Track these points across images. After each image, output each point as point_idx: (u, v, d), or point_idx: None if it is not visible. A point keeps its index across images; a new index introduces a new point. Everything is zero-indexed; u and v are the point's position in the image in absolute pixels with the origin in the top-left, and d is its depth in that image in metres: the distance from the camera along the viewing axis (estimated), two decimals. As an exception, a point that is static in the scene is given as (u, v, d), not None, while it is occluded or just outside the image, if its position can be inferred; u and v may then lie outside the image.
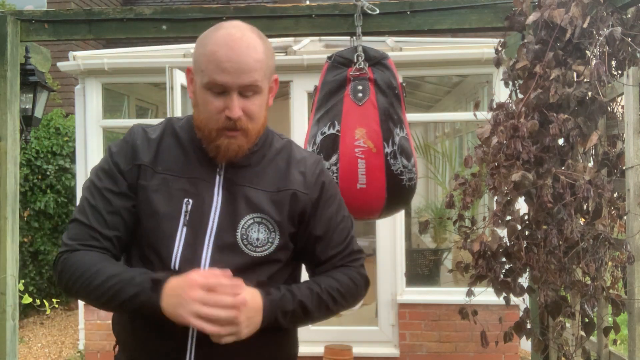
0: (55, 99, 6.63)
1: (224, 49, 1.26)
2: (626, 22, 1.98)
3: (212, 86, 1.28)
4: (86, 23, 2.38)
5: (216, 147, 1.32)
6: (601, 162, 1.95)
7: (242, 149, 1.33)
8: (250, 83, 1.27)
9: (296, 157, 1.42)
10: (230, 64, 1.25)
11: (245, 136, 1.32)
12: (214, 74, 1.26)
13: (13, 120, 2.39)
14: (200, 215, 1.32)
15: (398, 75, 1.98)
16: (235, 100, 1.28)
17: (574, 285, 1.88)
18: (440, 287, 5.20)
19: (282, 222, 1.36)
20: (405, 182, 1.89)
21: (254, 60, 1.28)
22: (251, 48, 1.28)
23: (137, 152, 1.36)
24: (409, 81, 5.24)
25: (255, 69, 1.27)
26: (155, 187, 1.33)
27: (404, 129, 1.93)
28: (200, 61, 1.30)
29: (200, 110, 1.33)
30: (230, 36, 1.28)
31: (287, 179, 1.38)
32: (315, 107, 1.98)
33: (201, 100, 1.31)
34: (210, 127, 1.31)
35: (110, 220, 1.33)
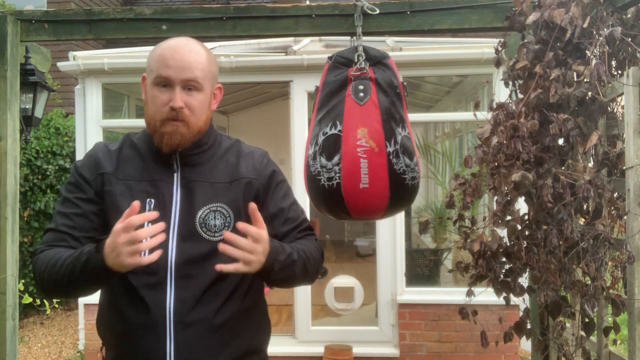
0: (55, 99, 6.63)
1: (169, 51, 1.48)
2: (626, 22, 1.98)
3: (159, 81, 1.47)
4: (86, 23, 2.38)
5: (161, 134, 1.48)
6: (601, 162, 1.95)
7: (185, 138, 1.49)
8: (190, 78, 1.47)
9: (244, 152, 1.61)
10: (173, 62, 1.46)
11: (187, 127, 1.48)
12: (160, 69, 1.46)
13: (13, 120, 2.39)
14: (163, 212, 1.45)
15: (399, 75, 1.98)
16: (178, 93, 1.46)
17: (574, 285, 1.89)
18: (440, 287, 5.21)
19: (238, 209, 1.52)
20: (408, 181, 1.89)
21: (195, 61, 1.48)
22: (194, 52, 1.49)
23: (100, 163, 1.54)
24: (409, 81, 5.23)
25: (196, 67, 1.47)
26: (120, 192, 1.50)
27: (406, 128, 1.93)
28: (151, 63, 1.50)
29: (149, 106, 1.50)
30: (176, 42, 1.50)
31: (238, 171, 1.56)
32: (317, 107, 1.98)
33: (150, 96, 1.50)
34: (156, 118, 1.48)
35: (78, 222, 1.50)
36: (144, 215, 1.33)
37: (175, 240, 1.47)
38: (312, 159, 1.92)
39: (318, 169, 1.90)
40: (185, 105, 1.47)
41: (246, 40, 4.98)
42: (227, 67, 4.58)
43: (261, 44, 5.17)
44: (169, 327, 1.43)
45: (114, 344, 1.51)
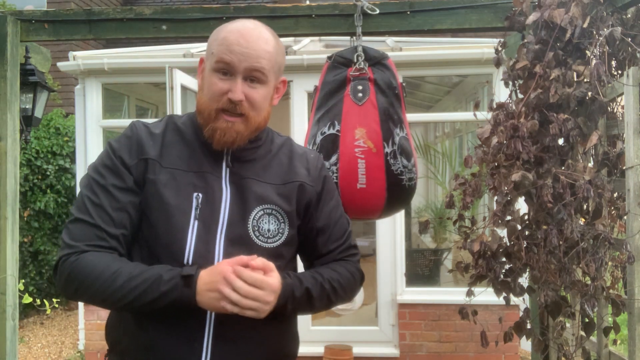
0: (55, 99, 6.63)
1: (235, 35, 1.31)
2: (626, 22, 1.98)
3: (219, 66, 1.30)
4: (86, 23, 2.38)
5: (213, 129, 1.32)
6: (601, 162, 1.95)
7: (241, 136, 1.33)
8: (255, 68, 1.30)
9: (298, 152, 1.46)
10: (239, 47, 1.29)
11: (245, 123, 1.32)
12: (222, 54, 1.29)
13: (13, 120, 2.39)
14: (211, 209, 1.32)
15: (398, 75, 1.98)
16: (239, 83, 1.30)
17: (574, 285, 1.88)
18: (440, 287, 5.20)
19: (291, 213, 1.38)
20: (405, 182, 1.89)
21: (263, 50, 1.31)
22: (262, 39, 1.32)
23: (143, 147, 1.34)
24: (409, 81, 5.24)
25: (262, 57, 1.30)
26: (164, 182, 1.31)
27: (404, 129, 1.93)
28: (212, 45, 1.33)
29: (205, 92, 1.34)
30: (244, 26, 1.33)
31: (292, 172, 1.41)
32: (315, 107, 1.98)
33: (207, 82, 1.33)
34: (210, 107, 1.31)
35: (117, 217, 1.30)
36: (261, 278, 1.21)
37: (222, 244, 1.31)
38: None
39: (317, 169, 1.90)
40: (246, 98, 1.31)
41: (246, 40, 4.97)
42: (227, 67, 4.57)
43: (261, 44, 5.15)
44: (207, 341, 1.28)
45: (132, 353, 1.33)
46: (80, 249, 1.28)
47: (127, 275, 1.23)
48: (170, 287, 1.22)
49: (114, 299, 1.24)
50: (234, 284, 1.18)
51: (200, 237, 1.30)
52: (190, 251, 1.29)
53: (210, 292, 1.20)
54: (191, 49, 4.90)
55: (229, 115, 1.31)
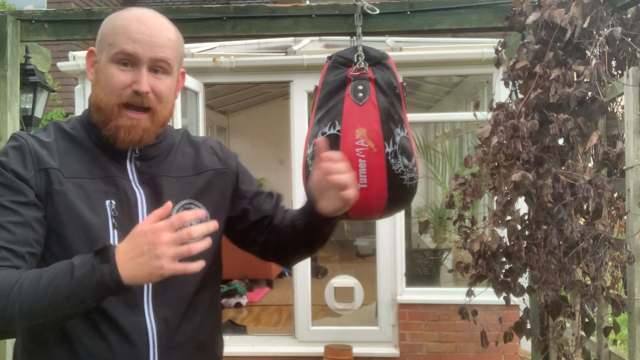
0: (55, 99, 6.63)
1: (135, 22, 1.21)
2: (626, 22, 1.98)
3: (121, 57, 1.18)
4: (86, 23, 2.38)
5: (116, 127, 1.19)
6: (601, 162, 1.95)
7: (148, 133, 1.22)
8: (161, 58, 1.20)
9: (198, 141, 1.39)
10: (142, 36, 1.19)
11: (152, 119, 1.22)
12: (124, 44, 1.18)
13: (13, 120, 2.39)
14: (128, 215, 1.20)
15: (398, 75, 1.98)
16: (145, 74, 1.19)
17: (574, 285, 1.89)
18: (440, 287, 5.20)
19: (211, 202, 1.31)
20: (407, 181, 1.89)
21: (167, 38, 1.23)
22: (164, 27, 1.25)
23: (39, 156, 1.19)
24: (409, 81, 5.24)
25: (167, 46, 1.22)
26: (73, 192, 1.18)
27: (405, 128, 1.93)
28: (108, 35, 1.22)
29: (102, 86, 1.21)
30: (142, 13, 1.24)
31: (200, 162, 1.34)
32: (316, 107, 1.98)
33: (105, 75, 1.20)
34: (112, 102, 1.19)
35: (20, 234, 1.13)
36: (196, 213, 1.09)
37: None
38: (311, 158, 1.92)
39: (317, 169, 1.90)
40: (152, 90, 1.20)
41: (246, 40, 4.98)
42: (227, 67, 4.58)
43: (261, 44, 5.17)
44: (153, 354, 1.18)
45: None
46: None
47: (32, 278, 1.06)
48: (85, 270, 1.03)
49: (32, 309, 1.04)
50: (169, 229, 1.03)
51: None
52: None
53: (137, 259, 1.02)
54: (191, 49, 4.90)
55: (133, 111, 1.20)
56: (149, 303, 1.19)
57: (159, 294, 1.20)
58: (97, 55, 1.24)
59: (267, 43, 5.18)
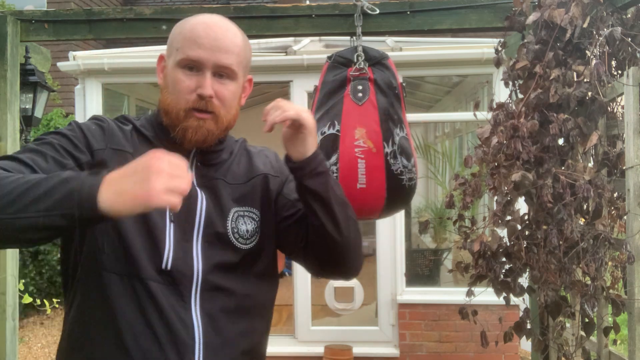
0: (55, 99, 6.63)
1: (202, 27, 1.22)
2: (626, 22, 1.98)
3: (186, 63, 1.21)
4: (86, 23, 2.38)
5: (183, 128, 1.22)
6: (601, 162, 1.95)
7: (212, 134, 1.24)
8: (225, 64, 1.22)
9: (254, 151, 1.42)
10: (207, 40, 1.21)
11: (216, 122, 1.23)
12: (189, 49, 1.21)
13: (13, 120, 2.39)
14: (186, 211, 1.20)
15: (398, 75, 1.98)
16: (209, 78, 1.21)
17: (574, 285, 1.88)
18: (440, 287, 5.21)
19: (263, 206, 1.33)
20: (405, 182, 1.89)
21: (232, 43, 1.23)
22: (230, 32, 1.25)
23: (117, 138, 1.24)
24: (409, 81, 5.24)
25: (232, 52, 1.23)
26: None
27: (404, 129, 1.93)
28: (176, 40, 1.24)
29: (170, 91, 1.24)
30: (210, 18, 1.25)
31: (252, 169, 1.36)
32: (315, 107, 1.98)
33: (172, 80, 1.23)
34: (179, 107, 1.22)
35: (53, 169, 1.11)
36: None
37: (200, 245, 1.23)
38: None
39: (317, 169, 1.90)
40: (216, 94, 1.22)
41: (246, 40, 4.97)
42: (227, 67, 4.57)
43: (261, 44, 5.16)
44: (199, 352, 1.18)
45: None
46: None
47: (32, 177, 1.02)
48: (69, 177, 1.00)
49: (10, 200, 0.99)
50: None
51: (177, 240, 1.21)
52: (170, 255, 1.19)
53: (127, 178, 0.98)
54: (191, 49, 4.89)
55: (200, 112, 1.22)
56: (196, 300, 1.20)
57: (206, 291, 1.21)
58: (166, 60, 1.27)
59: (267, 43, 5.17)
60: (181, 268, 1.19)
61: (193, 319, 1.19)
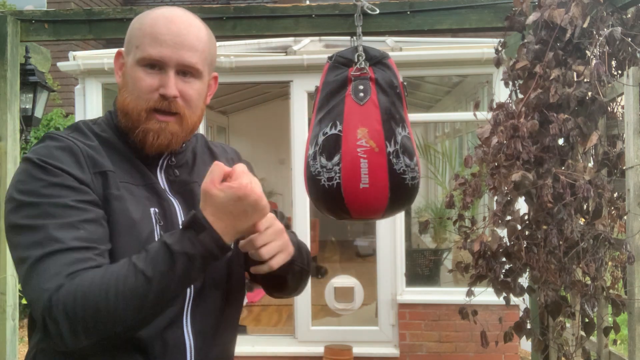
0: (55, 99, 6.63)
1: (163, 21, 1.14)
2: (626, 22, 1.98)
3: (147, 62, 1.13)
4: (86, 23, 2.38)
5: (144, 131, 1.13)
6: (601, 162, 1.95)
7: (176, 137, 1.16)
8: (190, 63, 1.14)
9: (216, 147, 1.36)
10: (169, 37, 1.12)
11: (180, 123, 1.15)
12: (150, 47, 1.12)
13: (13, 120, 2.39)
14: (171, 224, 1.15)
15: (399, 75, 1.98)
16: (172, 77, 1.13)
17: (574, 285, 1.89)
18: (440, 287, 5.21)
19: None
20: (408, 181, 1.89)
21: (197, 39, 1.15)
22: (194, 27, 1.17)
23: (93, 158, 1.11)
24: (409, 81, 5.21)
25: (196, 49, 1.15)
26: (128, 199, 1.12)
27: (406, 128, 1.93)
28: (135, 36, 1.16)
29: (129, 90, 1.15)
30: (171, 12, 1.17)
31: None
32: (317, 107, 1.98)
33: (131, 79, 1.14)
34: (139, 107, 1.13)
35: (95, 231, 1.05)
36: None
37: None
38: (312, 159, 1.92)
39: (318, 169, 1.90)
40: (180, 94, 1.14)
41: (246, 40, 4.98)
42: (227, 67, 4.58)
43: (261, 44, 5.17)
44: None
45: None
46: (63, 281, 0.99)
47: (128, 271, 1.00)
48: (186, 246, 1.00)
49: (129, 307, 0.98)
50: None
51: None
52: None
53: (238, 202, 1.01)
54: (191, 49, 4.89)
55: (162, 114, 1.14)
56: (187, 317, 1.14)
57: (196, 306, 1.15)
58: (125, 57, 1.19)
59: (267, 43, 5.18)
60: None
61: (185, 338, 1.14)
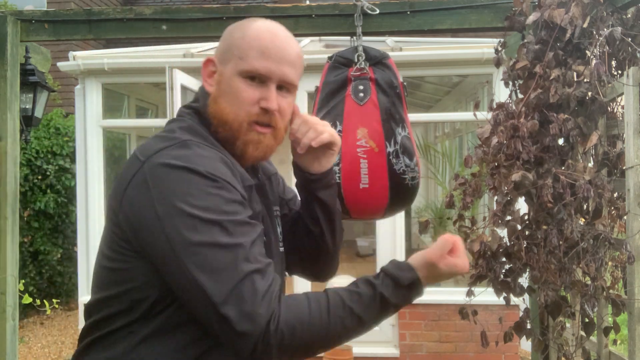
0: (55, 99, 6.63)
1: (268, 35, 1.15)
2: (626, 22, 1.98)
3: (251, 74, 1.13)
4: (86, 23, 2.38)
5: (245, 142, 1.15)
6: (601, 162, 1.95)
7: (270, 150, 1.19)
8: (290, 79, 1.16)
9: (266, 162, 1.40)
10: (275, 52, 1.14)
11: (275, 136, 1.18)
12: (255, 60, 1.13)
13: (13, 120, 2.39)
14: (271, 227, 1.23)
15: (399, 75, 1.98)
16: (274, 91, 1.14)
17: (574, 285, 1.89)
18: (440, 287, 5.20)
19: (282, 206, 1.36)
20: (408, 181, 1.89)
21: (296, 55, 1.18)
22: (294, 43, 1.20)
23: (240, 171, 1.14)
24: (409, 81, 5.22)
25: (295, 65, 1.18)
26: (260, 213, 1.18)
27: (406, 128, 1.93)
28: (237, 46, 1.15)
29: (229, 100, 1.15)
30: (273, 26, 1.18)
31: (264, 167, 1.35)
32: (317, 107, 1.98)
33: (231, 89, 1.14)
34: (240, 119, 1.14)
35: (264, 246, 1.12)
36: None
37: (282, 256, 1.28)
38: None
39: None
40: (278, 108, 1.15)
41: (246, 40, 4.98)
42: (227, 67, 4.58)
43: (261, 44, 5.16)
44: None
45: None
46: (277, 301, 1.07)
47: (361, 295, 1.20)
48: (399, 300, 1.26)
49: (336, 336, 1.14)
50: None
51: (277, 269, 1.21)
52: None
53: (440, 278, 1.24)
54: (191, 49, 4.90)
55: (261, 126, 1.15)
56: None
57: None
58: (221, 65, 1.18)
59: (267, 43, 5.17)
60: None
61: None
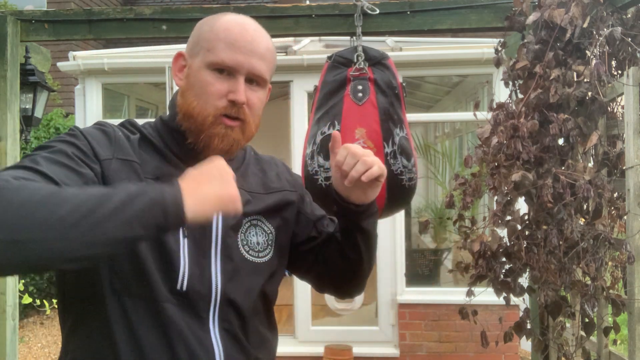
0: (55, 99, 6.63)
1: (237, 28, 1.13)
2: (626, 22, 1.98)
3: (218, 66, 1.12)
4: (86, 23, 2.38)
5: (209, 136, 1.12)
6: (601, 162, 1.95)
7: (237, 143, 1.16)
8: (259, 72, 1.14)
9: (264, 159, 1.36)
10: (243, 44, 1.12)
11: (243, 131, 1.16)
12: (223, 52, 1.11)
13: (13, 120, 2.39)
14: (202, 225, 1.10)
15: (398, 75, 1.98)
16: (242, 84, 1.12)
17: (574, 285, 1.89)
18: (440, 287, 5.21)
19: (279, 226, 1.27)
20: (406, 182, 1.89)
21: (266, 48, 1.16)
22: (265, 36, 1.17)
23: (124, 147, 1.12)
24: (409, 81, 5.24)
25: (265, 58, 1.15)
26: None
27: (404, 128, 1.93)
28: (205, 39, 1.14)
29: (196, 93, 1.13)
30: (243, 20, 1.17)
31: (269, 180, 1.30)
32: (315, 107, 1.98)
33: (199, 82, 1.13)
34: (207, 112, 1.12)
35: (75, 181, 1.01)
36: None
37: (219, 260, 1.14)
38: (310, 158, 1.92)
39: (315, 169, 1.90)
40: (247, 101, 1.14)
41: (246, 40, 4.98)
42: (227, 67, 4.58)
43: (261, 44, 5.16)
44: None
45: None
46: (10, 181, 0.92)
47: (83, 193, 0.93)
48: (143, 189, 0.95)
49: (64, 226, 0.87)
50: None
51: (193, 258, 1.11)
52: (185, 275, 1.10)
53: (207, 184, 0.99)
54: (191, 49, 4.89)
55: (229, 119, 1.13)
56: (215, 320, 1.12)
57: (224, 312, 1.13)
58: (189, 59, 1.17)
59: (267, 43, 5.17)
60: (198, 287, 1.10)
61: (212, 341, 1.11)
